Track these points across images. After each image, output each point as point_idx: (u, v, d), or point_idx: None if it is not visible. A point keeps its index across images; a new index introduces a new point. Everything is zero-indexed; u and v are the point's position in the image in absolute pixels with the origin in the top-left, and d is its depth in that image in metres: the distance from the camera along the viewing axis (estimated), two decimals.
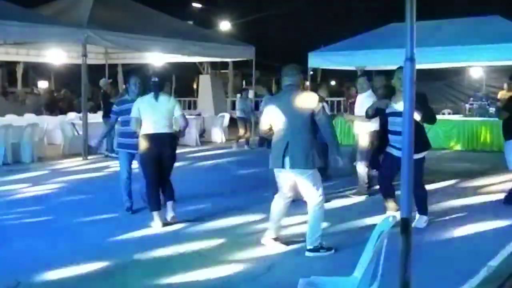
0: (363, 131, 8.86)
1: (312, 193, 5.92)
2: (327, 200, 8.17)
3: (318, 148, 5.96)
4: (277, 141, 6.00)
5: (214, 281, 5.19)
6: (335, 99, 25.76)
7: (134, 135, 7.30)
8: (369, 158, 8.89)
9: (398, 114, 6.36)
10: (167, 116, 7.10)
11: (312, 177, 5.88)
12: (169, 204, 7.25)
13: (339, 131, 15.62)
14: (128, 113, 7.28)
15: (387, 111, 6.88)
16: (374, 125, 8.51)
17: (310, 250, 5.89)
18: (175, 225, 7.15)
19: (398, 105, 6.49)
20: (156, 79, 7.17)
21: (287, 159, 5.85)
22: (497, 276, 5.25)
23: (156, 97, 7.09)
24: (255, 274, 5.34)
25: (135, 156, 7.72)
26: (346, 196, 8.96)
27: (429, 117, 6.82)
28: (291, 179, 6.02)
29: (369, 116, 7.34)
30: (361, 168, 8.91)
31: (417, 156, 6.23)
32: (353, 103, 9.87)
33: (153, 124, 7.03)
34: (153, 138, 7.03)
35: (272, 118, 6.06)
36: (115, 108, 7.99)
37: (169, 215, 7.21)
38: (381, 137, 7.56)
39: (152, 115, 7.05)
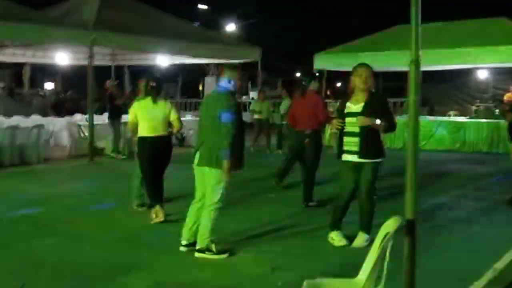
0: None
1: (211, 194, 5.89)
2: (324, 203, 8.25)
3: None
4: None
5: (217, 281, 5.19)
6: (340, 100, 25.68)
7: None
8: None
9: (353, 114, 6.13)
10: (164, 120, 7.36)
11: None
12: (156, 206, 7.36)
13: None
14: None
15: (345, 111, 6.31)
16: None
17: (197, 251, 5.90)
18: (176, 225, 7.17)
19: (355, 105, 6.17)
20: (154, 84, 7.40)
21: (196, 156, 5.96)
22: (503, 278, 5.23)
23: (154, 101, 7.29)
24: (259, 275, 5.34)
25: None
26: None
27: (392, 126, 6.22)
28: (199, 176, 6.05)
29: None
30: None
31: (371, 160, 6.06)
32: None
33: (151, 127, 7.28)
34: (150, 141, 7.29)
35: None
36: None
37: (157, 214, 7.30)
38: None
39: (149, 118, 7.30)
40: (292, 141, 9.13)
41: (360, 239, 6.22)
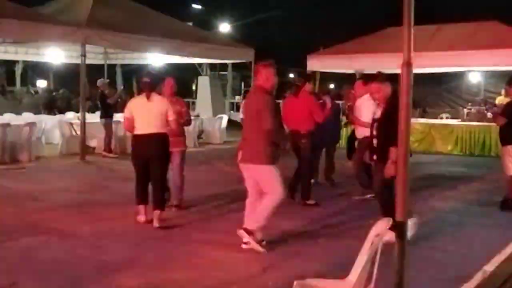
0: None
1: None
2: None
3: None
4: None
5: (208, 281, 5.19)
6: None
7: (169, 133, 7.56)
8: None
9: None
10: (159, 116, 7.12)
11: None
12: (156, 214, 7.09)
13: None
14: None
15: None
16: None
17: (244, 229, 6.10)
18: (172, 224, 7.18)
19: None
20: (148, 80, 7.22)
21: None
22: (492, 281, 5.25)
23: (148, 98, 7.13)
24: (250, 275, 5.35)
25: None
26: (349, 198, 8.99)
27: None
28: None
29: None
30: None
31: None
32: (351, 106, 9.83)
33: (144, 124, 7.08)
34: (143, 138, 7.09)
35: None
36: None
37: (155, 223, 7.07)
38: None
39: (143, 115, 7.11)
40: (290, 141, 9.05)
41: None
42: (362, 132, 8.73)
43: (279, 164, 6.12)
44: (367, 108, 8.28)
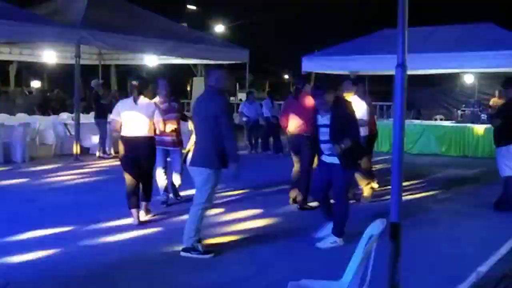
0: None
1: (197, 193, 5.96)
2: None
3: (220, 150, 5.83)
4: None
5: (204, 282, 5.19)
6: None
7: (170, 132, 7.93)
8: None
9: None
10: (145, 119, 7.19)
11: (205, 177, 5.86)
12: (143, 204, 7.48)
13: None
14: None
15: None
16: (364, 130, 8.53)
17: (183, 250, 5.94)
18: (165, 224, 7.18)
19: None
20: (135, 82, 7.26)
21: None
22: (486, 281, 5.27)
23: (135, 100, 7.19)
24: (246, 276, 5.35)
25: (170, 152, 8.26)
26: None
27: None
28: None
29: None
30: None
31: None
32: None
33: (131, 127, 7.17)
34: (131, 141, 7.18)
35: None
36: None
37: (142, 214, 7.40)
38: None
39: (130, 118, 7.18)
40: (290, 144, 8.96)
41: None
42: None
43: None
44: (359, 107, 8.42)
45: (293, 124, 8.42)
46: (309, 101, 8.24)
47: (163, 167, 8.29)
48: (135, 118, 7.16)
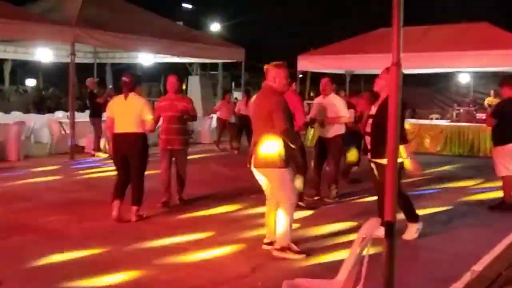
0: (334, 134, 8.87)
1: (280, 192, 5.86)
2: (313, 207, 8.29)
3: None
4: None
5: (195, 281, 5.17)
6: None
7: (173, 131, 8.02)
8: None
9: None
10: (134, 116, 7.19)
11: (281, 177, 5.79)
12: (133, 209, 7.30)
13: None
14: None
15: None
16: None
17: (276, 250, 5.86)
18: (160, 223, 7.17)
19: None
20: (127, 79, 7.29)
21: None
22: (480, 281, 5.28)
23: (125, 97, 7.25)
24: (239, 275, 5.34)
25: (174, 152, 8.21)
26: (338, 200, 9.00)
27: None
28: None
29: None
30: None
31: None
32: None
33: (121, 123, 7.21)
34: (120, 137, 7.22)
35: None
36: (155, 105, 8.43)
37: (132, 218, 7.27)
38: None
39: (121, 114, 7.23)
40: None
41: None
42: (334, 131, 8.80)
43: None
44: (342, 104, 8.79)
45: None
46: (294, 98, 8.20)
47: (167, 167, 8.27)
48: (124, 115, 7.21)
